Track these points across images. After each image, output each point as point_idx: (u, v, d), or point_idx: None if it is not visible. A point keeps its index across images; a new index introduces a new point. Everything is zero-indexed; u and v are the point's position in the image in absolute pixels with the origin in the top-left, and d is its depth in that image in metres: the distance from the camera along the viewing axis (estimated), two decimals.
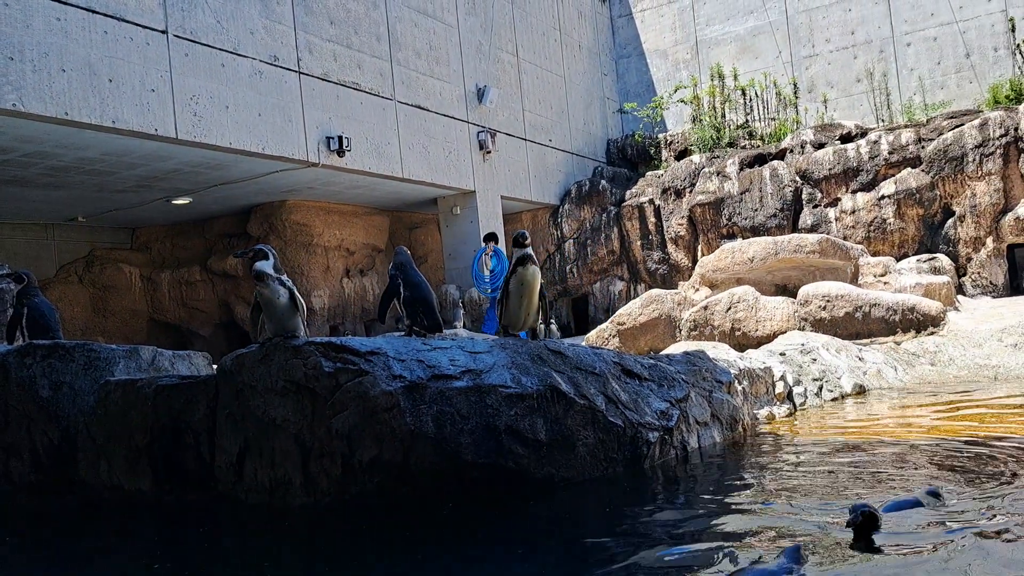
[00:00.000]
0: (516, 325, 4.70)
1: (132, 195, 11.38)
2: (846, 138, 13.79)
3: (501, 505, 3.61)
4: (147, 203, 11.97)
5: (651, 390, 4.47)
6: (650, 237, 14.84)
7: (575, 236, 15.46)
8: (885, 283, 9.98)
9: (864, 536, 2.65)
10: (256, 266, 4.09)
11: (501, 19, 14.53)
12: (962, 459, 3.94)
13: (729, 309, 9.31)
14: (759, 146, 15.12)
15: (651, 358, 5.08)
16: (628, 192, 15.42)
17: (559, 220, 15.60)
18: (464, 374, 3.82)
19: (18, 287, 5.83)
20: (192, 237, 13.78)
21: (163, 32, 8.78)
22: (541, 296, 4.71)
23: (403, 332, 4.77)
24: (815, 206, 13.48)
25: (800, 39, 16.09)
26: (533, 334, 4.76)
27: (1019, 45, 14.13)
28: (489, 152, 13.57)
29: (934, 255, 11.90)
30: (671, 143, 16.61)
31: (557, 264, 15.51)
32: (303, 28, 10.48)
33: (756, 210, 13.77)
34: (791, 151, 14.07)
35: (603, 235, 15.17)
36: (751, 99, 16.21)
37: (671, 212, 14.68)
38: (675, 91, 16.96)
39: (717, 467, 4.29)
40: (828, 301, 8.99)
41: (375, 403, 3.62)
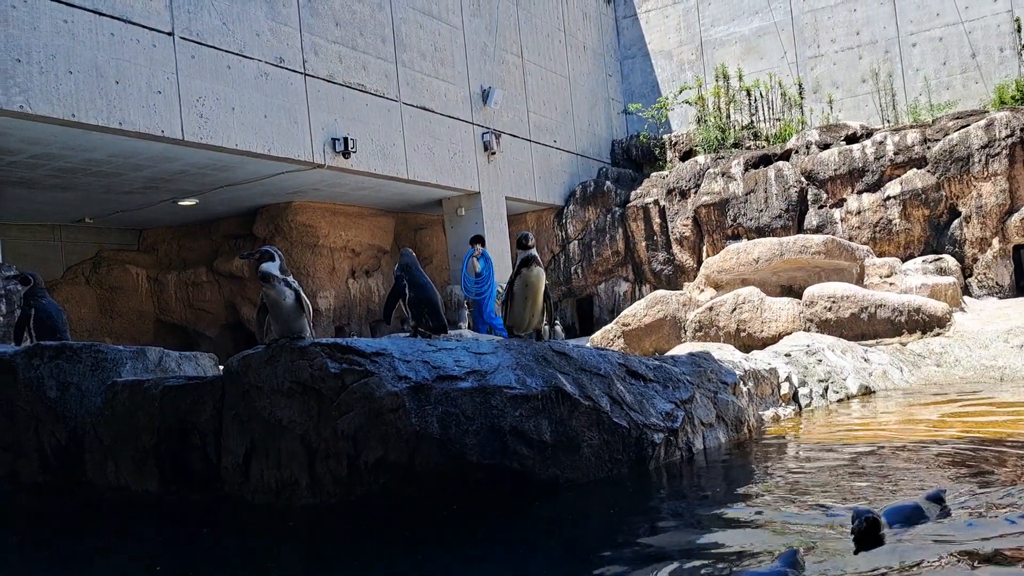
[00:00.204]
0: (521, 326, 4.71)
1: (139, 196, 11.42)
2: (851, 139, 13.76)
3: (505, 506, 3.61)
4: (154, 204, 12.01)
5: (656, 391, 4.47)
6: (655, 238, 14.83)
7: (580, 237, 15.46)
8: (891, 284, 9.96)
9: (867, 543, 2.61)
10: (262, 267, 4.10)
11: (506, 21, 14.54)
12: (968, 461, 3.93)
13: (734, 310, 9.30)
14: (764, 147, 15.10)
15: (656, 359, 5.09)
16: (633, 193, 15.41)
17: (564, 221, 15.60)
18: (469, 375, 3.83)
19: (25, 288, 5.85)
20: (198, 238, 13.82)
21: (169, 34, 8.81)
22: (546, 297, 4.71)
23: (408, 333, 4.78)
24: (820, 207, 13.46)
25: (805, 39, 16.07)
26: (538, 335, 4.77)
27: None
28: (494, 153, 13.59)
29: (940, 256, 11.88)
30: (676, 144, 16.60)
31: (562, 265, 15.51)
32: (309, 30, 10.51)
33: (761, 211, 13.75)
34: (796, 152, 14.05)
35: (608, 236, 15.17)
36: (756, 100, 16.19)
37: (676, 213, 14.67)
38: (680, 92, 16.95)
39: (722, 468, 4.29)
40: (834, 302, 8.98)
41: (380, 404, 3.63)
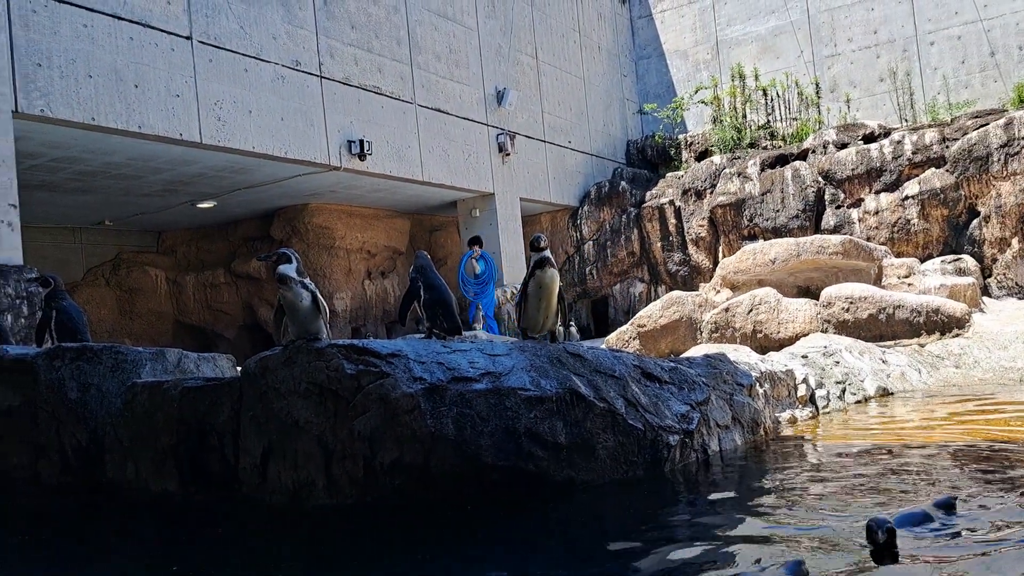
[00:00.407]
0: (535, 328, 4.71)
1: (158, 199, 11.53)
2: (869, 138, 13.66)
3: (520, 507, 3.62)
4: (172, 207, 12.12)
5: (671, 393, 4.46)
6: (670, 238, 14.78)
7: (595, 237, 15.44)
8: (909, 284, 9.87)
9: (886, 554, 2.49)
10: (279, 269, 4.12)
11: (520, 22, 14.56)
12: (986, 464, 3.90)
13: (751, 311, 9.26)
14: (781, 147, 15.02)
15: (671, 361, 5.08)
16: (648, 193, 15.38)
17: (578, 222, 15.58)
18: (483, 377, 3.83)
19: (46, 290, 5.92)
20: (216, 240, 13.93)
21: (188, 38, 8.90)
22: (560, 299, 4.71)
23: (423, 334, 4.80)
24: (838, 207, 13.37)
25: (822, 38, 15.97)
26: (552, 337, 4.77)
27: None
28: (508, 154, 13.60)
29: (959, 256, 11.76)
30: (691, 144, 16.54)
31: (576, 266, 15.50)
32: (325, 33, 10.57)
33: (778, 211, 13.68)
34: (813, 151, 13.96)
35: (623, 236, 15.14)
36: (772, 99, 16.11)
37: (692, 213, 14.62)
38: (696, 92, 16.88)
39: (738, 471, 4.28)
40: (851, 303, 8.92)
41: (396, 405, 3.65)
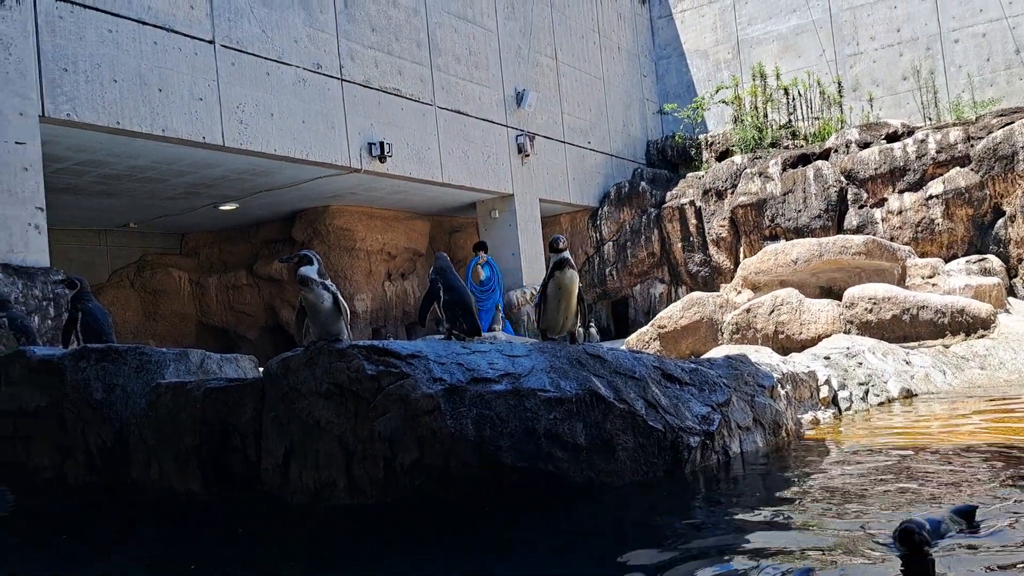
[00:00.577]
0: (555, 329, 4.71)
1: (181, 202, 11.66)
2: (892, 137, 13.53)
3: (540, 508, 3.62)
4: (195, 209, 12.25)
5: (692, 394, 4.44)
6: (691, 239, 14.72)
7: (614, 238, 15.41)
8: (933, 285, 9.76)
9: (918, 564, 2.35)
10: (301, 271, 4.15)
11: (540, 23, 14.56)
12: (1014, 467, 3.85)
13: (772, 312, 9.20)
14: (802, 146, 14.91)
15: (692, 362, 5.06)
16: (668, 194, 15.32)
17: (598, 222, 15.56)
18: (503, 378, 3.84)
19: (72, 292, 5.99)
20: (239, 242, 14.06)
21: (210, 42, 8.99)
22: (579, 300, 4.71)
23: (443, 335, 4.81)
24: (861, 206, 13.25)
25: (844, 37, 15.83)
26: (572, 338, 4.77)
27: None
28: (528, 155, 13.61)
29: (984, 256, 11.60)
30: (712, 144, 16.46)
31: (596, 267, 15.47)
32: (345, 36, 10.64)
33: (800, 211, 13.57)
34: (836, 151, 13.84)
35: (643, 237, 15.09)
36: (794, 99, 15.99)
37: (712, 213, 14.55)
38: (716, 91, 16.80)
39: (759, 473, 4.25)
40: (875, 303, 8.83)
41: (416, 406, 3.66)
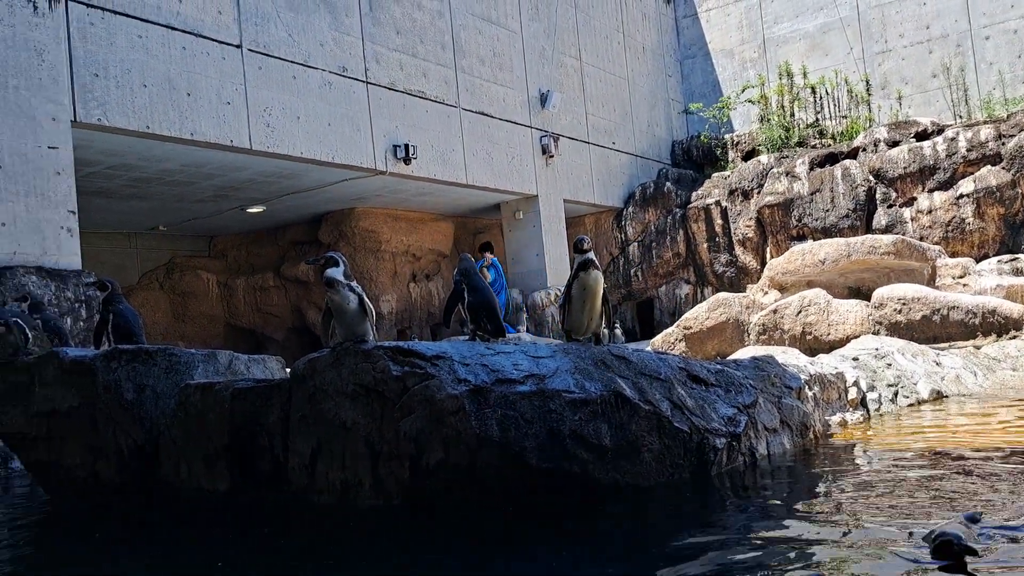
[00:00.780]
0: (579, 330, 4.70)
1: (210, 204, 11.80)
2: (922, 135, 13.34)
3: (565, 509, 3.63)
4: (223, 212, 12.40)
5: (718, 396, 4.42)
6: (717, 239, 14.62)
7: (639, 239, 15.35)
8: (964, 285, 9.61)
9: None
10: (327, 273, 4.18)
11: (564, 24, 14.55)
12: None
13: (799, 312, 9.11)
14: (830, 145, 14.76)
15: (718, 363, 5.02)
16: (694, 194, 15.24)
17: (623, 223, 15.51)
18: (527, 379, 3.84)
19: (103, 294, 6.08)
20: (266, 245, 14.20)
21: (238, 47, 9.09)
22: (604, 301, 4.70)
23: (467, 336, 4.82)
24: (890, 206, 13.08)
25: (872, 35, 15.64)
26: (596, 339, 4.76)
27: None
28: (552, 156, 13.60)
29: (1016, 256, 11.39)
30: (738, 143, 16.35)
31: (621, 267, 15.43)
32: (370, 39, 10.71)
33: (827, 211, 13.43)
34: (864, 150, 13.68)
35: (668, 237, 15.02)
36: (821, 97, 15.83)
37: (738, 214, 14.44)
38: (742, 91, 16.68)
39: (786, 476, 4.21)
40: (904, 304, 8.71)
41: (441, 406, 3.68)
